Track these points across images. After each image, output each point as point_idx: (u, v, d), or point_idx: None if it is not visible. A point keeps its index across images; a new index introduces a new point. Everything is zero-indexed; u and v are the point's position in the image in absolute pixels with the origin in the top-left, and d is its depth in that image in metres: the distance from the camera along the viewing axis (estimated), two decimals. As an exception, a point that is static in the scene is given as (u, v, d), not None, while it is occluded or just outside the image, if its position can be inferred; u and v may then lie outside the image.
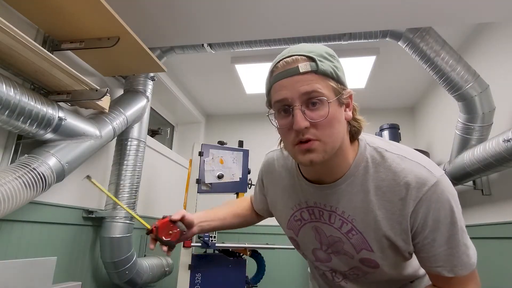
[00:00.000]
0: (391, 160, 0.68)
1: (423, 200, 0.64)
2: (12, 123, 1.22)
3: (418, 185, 0.64)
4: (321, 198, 0.75)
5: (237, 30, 1.97)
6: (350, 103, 0.69)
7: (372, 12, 1.77)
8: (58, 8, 1.40)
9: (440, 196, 0.64)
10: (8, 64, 1.31)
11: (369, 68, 2.75)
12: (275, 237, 3.38)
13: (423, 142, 3.28)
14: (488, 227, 2.08)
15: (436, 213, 0.64)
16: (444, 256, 0.66)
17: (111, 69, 1.93)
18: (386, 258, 0.72)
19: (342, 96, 0.66)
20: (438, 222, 0.64)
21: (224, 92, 3.41)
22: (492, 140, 1.73)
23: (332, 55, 0.67)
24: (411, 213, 0.65)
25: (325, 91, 0.63)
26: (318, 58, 0.63)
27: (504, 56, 1.98)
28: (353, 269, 0.78)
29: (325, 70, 0.63)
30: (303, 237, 0.83)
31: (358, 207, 0.70)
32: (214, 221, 0.95)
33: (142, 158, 2.05)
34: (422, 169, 0.66)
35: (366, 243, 0.71)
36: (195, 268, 2.11)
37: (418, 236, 0.67)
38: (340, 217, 0.73)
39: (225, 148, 2.40)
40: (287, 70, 0.64)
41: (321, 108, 0.63)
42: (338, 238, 0.75)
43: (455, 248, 0.65)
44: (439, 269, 0.67)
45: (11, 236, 1.40)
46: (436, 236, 0.65)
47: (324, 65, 0.63)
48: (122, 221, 1.85)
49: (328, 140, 0.64)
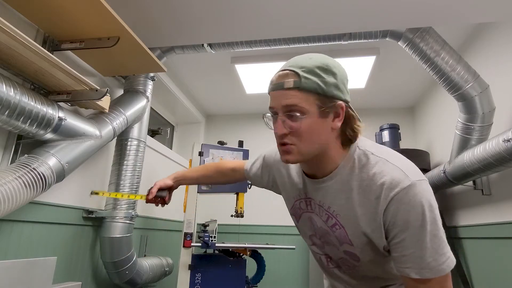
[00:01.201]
0: (374, 162, 0.74)
1: (394, 200, 0.69)
2: (12, 123, 1.22)
3: (391, 185, 0.70)
4: (313, 191, 0.84)
5: (237, 30, 1.97)
6: (340, 113, 0.75)
7: (372, 12, 1.77)
8: (58, 8, 1.40)
9: (412, 198, 0.68)
10: (8, 64, 1.31)
11: (369, 68, 2.75)
12: (275, 237, 3.38)
13: (423, 142, 3.28)
14: (488, 227, 2.08)
15: (406, 214, 0.68)
16: (413, 258, 0.68)
17: (111, 69, 1.93)
18: (365, 253, 0.78)
19: (327, 109, 0.73)
20: (408, 223, 0.68)
21: (224, 92, 3.41)
22: (492, 140, 1.73)
23: (326, 69, 0.72)
24: (383, 211, 0.71)
25: (304, 105, 0.71)
26: (304, 75, 0.71)
27: (504, 56, 1.98)
28: (341, 259, 0.85)
29: (307, 87, 0.71)
30: (302, 225, 0.93)
31: (342, 204, 0.78)
32: (192, 178, 1.24)
33: (142, 158, 2.05)
34: (399, 172, 0.71)
35: (347, 238, 0.79)
36: (195, 268, 2.11)
37: (389, 234, 0.72)
38: (326, 212, 0.81)
39: (225, 148, 2.40)
40: (276, 84, 0.74)
41: (298, 120, 0.72)
42: (325, 230, 0.84)
43: (423, 251, 0.67)
44: (407, 270, 0.70)
45: (11, 236, 1.40)
46: (405, 237, 0.69)
47: (308, 82, 0.71)
48: (122, 221, 1.85)
49: (302, 146, 0.73)
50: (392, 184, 0.70)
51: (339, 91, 0.74)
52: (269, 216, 3.45)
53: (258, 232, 3.44)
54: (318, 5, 1.74)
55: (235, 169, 1.17)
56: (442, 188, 2.40)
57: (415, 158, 2.68)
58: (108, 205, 1.90)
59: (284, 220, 3.40)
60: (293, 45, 2.09)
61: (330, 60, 0.75)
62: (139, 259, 2.03)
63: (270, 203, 3.47)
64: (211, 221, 2.53)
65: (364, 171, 0.75)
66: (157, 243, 2.67)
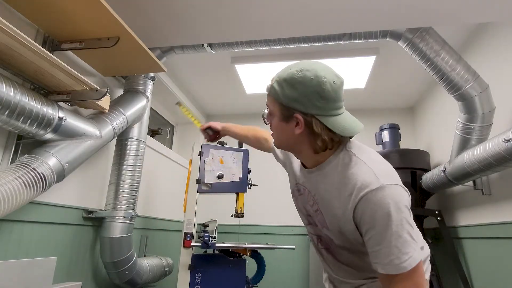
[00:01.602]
0: (354, 163, 0.83)
1: (363, 199, 0.77)
2: (12, 123, 1.22)
3: (362, 186, 0.78)
4: (305, 179, 0.97)
5: (237, 30, 1.97)
6: (299, 123, 0.84)
7: (372, 12, 1.77)
8: (58, 8, 1.40)
9: (380, 199, 0.75)
10: (8, 64, 1.31)
11: (369, 68, 2.75)
12: (275, 237, 3.38)
13: (423, 142, 3.28)
14: (488, 227, 2.08)
15: (373, 214, 0.76)
16: (379, 254, 0.76)
17: (111, 69, 1.93)
18: (339, 239, 0.88)
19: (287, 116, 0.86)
20: (374, 222, 0.76)
21: (224, 92, 3.41)
22: (492, 140, 1.73)
23: (290, 82, 0.83)
24: (354, 209, 0.79)
25: (272, 108, 0.90)
26: (273, 84, 0.87)
27: (504, 56, 1.98)
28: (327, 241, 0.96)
29: (272, 94, 0.88)
30: (298, 206, 1.06)
31: (322, 194, 0.90)
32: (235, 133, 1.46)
33: (142, 158, 2.05)
34: (371, 175, 0.78)
35: (325, 223, 0.91)
36: (195, 268, 2.11)
37: (361, 231, 0.80)
38: (312, 198, 0.94)
39: (225, 148, 2.40)
40: None
41: (270, 118, 0.93)
42: (312, 213, 0.96)
43: (387, 248, 0.74)
44: (376, 265, 0.78)
45: (11, 236, 1.40)
46: (373, 234, 0.76)
47: (272, 90, 0.88)
48: (122, 221, 1.85)
49: (274, 138, 0.95)
50: (363, 185, 0.77)
51: (298, 104, 0.82)
52: (269, 216, 3.45)
53: (258, 232, 3.44)
54: (318, 5, 1.74)
55: (267, 140, 1.32)
56: (442, 188, 2.40)
57: (415, 158, 2.70)
58: (108, 205, 1.90)
59: (284, 220, 3.41)
60: (293, 45, 2.09)
61: (300, 75, 0.81)
62: (139, 259, 2.03)
63: (270, 203, 3.47)
64: (211, 221, 2.53)
65: (345, 169, 0.84)
66: (157, 243, 2.67)
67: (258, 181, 2.60)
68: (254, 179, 2.49)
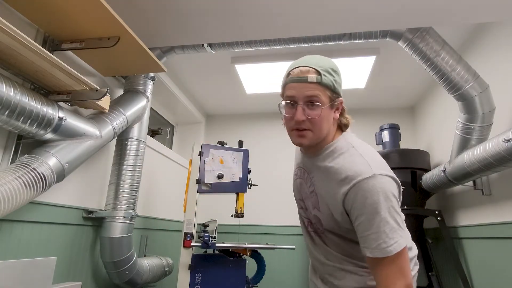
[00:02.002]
0: (350, 154, 0.90)
1: (355, 186, 0.83)
2: (12, 123, 1.22)
3: (355, 174, 0.84)
4: (306, 163, 1.03)
5: (237, 30, 1.97)
6: (339, 107, 0.95)
7: (372, 12, 1.77)
8: (58, 8, 1.40)
9: (371, 187, 0.81)
10: (8, 64, 1.31)
11: (369, 68, 2.75)
12: (275, 237, 3.38)
13: (423, 142, 3.28)
14: (488, 227, 2.08)
15: (363, 200, 0.82)
16: (368, 239, 0.82)
17: (111, 69, 1.93)
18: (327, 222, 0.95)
19: (335, 103, 0.92)
20: (364, 208, 0.82)
21: (224, 92, 3.41)
22: (492, 140, 1.73)
23: (335, 70, 0.91)
24: (346, 194, 0.85)
25: (322, 98, 0.88)
26: (323, 73, 0.88)
27: (504, 56, 1.98)
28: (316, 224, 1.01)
29: (326, 83, 0.88)
30: (295, 188, 1.12)
31: (318, 177, 0.96)
32: None
33: (142, 158, 2.05)
34: (365, 165, 0.85)
35: (318, 204, 0.97)
36: (195, 268, 2.11)
37: (352, 217, 0.86)
38: (310, 179, 1.00)
39: (225, 148, 2.40)
40: (299, 77, 0.89)
41: (317, 109, 0.88)
42: (307, 194, 1.02)
43: (375, 234, 0.81)
44: (364, 249, 0.84)
45: (11, 236, 1.40)
46: (362, 220, 0.82)
47: (326, 79, 0.88)
48: (122, 221, 1.85)
49: (317, 131, 0.90)
50: (356, 173, 0.84)
51: (340, 90, 0.93)
52: (269, 216, 3.45)
53: (258, 232, 3.44)
54: (318, 5, 1.74)
55: None
56: (442, 188, 2.40)
57: (415, 158, 2.69)
58: (108, 205, 1.90)
59: (284, 220, 3.41)
60: (293, 45, 2.09)
61: (335, 63, 0.93)
62: (139, 259, 2.03)
63: (270, 203, 3.47)
64: (211, 221, 2.53)
65: (341, 157, 0.91)
66: (157, 243, 2.67)
67: (258, 181, 2.60)
68: (254, 179, 2.50)
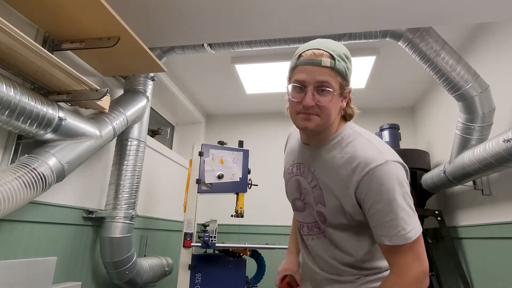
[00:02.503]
0: (358, 141, 0.87)
1: (368, 174, 0.79)
2: (12, 123, 1.22)
3: (368, 161, 0.80)
4: (306, 157, 0.97)
5: (237, 30, 1.97)
6: (347, 96, 0.91)
7: (372, 12, 1.77)
8: (58, 8, 1.40)
9: (384, 174, 0.78)
10: (8, 64, 1.31)
11: (369, 68, 2.75)
12: (275, 237, 3.38)
13: (423, 142, 3.28)
14: (488, 227, 2.08)
15: (378, 187, 0.78)
16: (386, 227, 0.79)
17: (111, 69, 1.93)
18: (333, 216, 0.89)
19: (345, 91, 0.87)
20: (379, 195, 0.78)
21: (224, 92, 3.41)
22: (492, 140, 1.73)
23: (348, 57, 0.87)
24: (358, 182, 0.81)
25: (333, 84, 0.83)
26: (337, 58, 0.83)
27: (504, 56, 1.98)
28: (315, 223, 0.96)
29: (339, 69, 0.83)
30: (290, 187, 1.04)
31: (324, 169, 0.90)
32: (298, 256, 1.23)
33: (142, 158, 2.05)
34: (377, 152, 0.82)
35: (322, 198, 0.90)
36: (195, 268, 2.11)
37: (365, 206, 0.82)
38: (311, 174, 0.94)
39: (225, 148, 2.40)
40: (312, 60, 0.83)
41: (327, 95, 0.83)
42: (308, 190, 0.95)
43: (394, 221, 0.78)
44: (382, 238, 0.80)
45: (11, 236, 1.40)
46: (378, 208, 0.79)
47: (339, 65, 0.83)
48: (122, 221, 1.85)
49: (325, 118, 0.85)
50: (369, 160, 0.80)
51: (350, 78, 0.89)
52: (269, 216, 3.45)
53: (258, 232, 3.44)
54: (318, 5, 1.74)
55: None
56: (442, 188, 2.40)
57: (415, 158, 2.69)
58: (108, 205, 1.90)
59: (284, 220, 3.40)
60: (293, 45, 2.09)
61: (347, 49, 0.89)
62: (139, 259, 2.03)
63: (270, 203, 3.47)
64: (211, 221, 2.54)
65: (350, 145, 0.86)
66: (157, 243, 2.67)
67: (258, 181, 2.60)
68: (254, 179, 2.49)
